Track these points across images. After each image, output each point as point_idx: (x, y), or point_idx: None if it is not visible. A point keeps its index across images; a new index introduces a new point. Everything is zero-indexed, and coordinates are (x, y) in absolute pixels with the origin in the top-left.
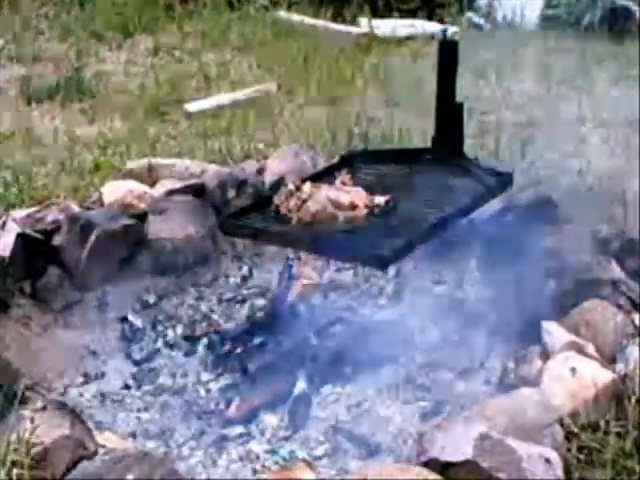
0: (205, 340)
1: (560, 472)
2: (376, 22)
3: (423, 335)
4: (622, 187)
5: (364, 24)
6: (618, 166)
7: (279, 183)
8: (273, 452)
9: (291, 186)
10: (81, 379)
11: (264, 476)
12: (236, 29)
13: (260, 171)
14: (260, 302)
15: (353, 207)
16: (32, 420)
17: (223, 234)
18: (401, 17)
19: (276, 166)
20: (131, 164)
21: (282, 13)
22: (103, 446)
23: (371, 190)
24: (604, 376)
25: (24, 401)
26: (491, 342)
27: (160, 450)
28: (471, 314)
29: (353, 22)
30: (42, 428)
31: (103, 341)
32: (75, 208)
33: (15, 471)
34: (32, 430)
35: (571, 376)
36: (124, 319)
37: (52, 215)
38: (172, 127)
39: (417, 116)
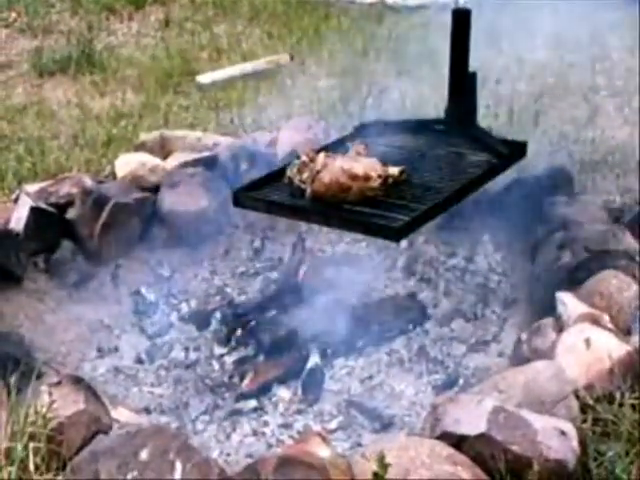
0: (218, 314)
1: (575, 444)
2: None
3: (436, 308)
4: (636, 157)
5: None
6: (633, 135)
7: (292, 155)
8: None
9: (304, 157)
10: (95, 353)
11: (278, 450)
12: (247, 0)
13: (272, 143)
14: (273, 275)
15: (367, 178)
16: (50, 394)
17: (236, 207)
18: None
19: (288, 138)
20: (144, 137)
21: None
22: (117, 421)
23: (385, 161)
24: (619, 348)
25: (39, 375)
26: (504, 315)
27: (173, 425)
28: (484, 286)
29: None
30: (58, 403)
31: (117, 315)
32: (88, 181)
33: (32, 445)
34: (49, 405)
35: (585, 348)
36: (137, 293)
37: (65, 189)
38: (184, 99)
39: (430, 86)
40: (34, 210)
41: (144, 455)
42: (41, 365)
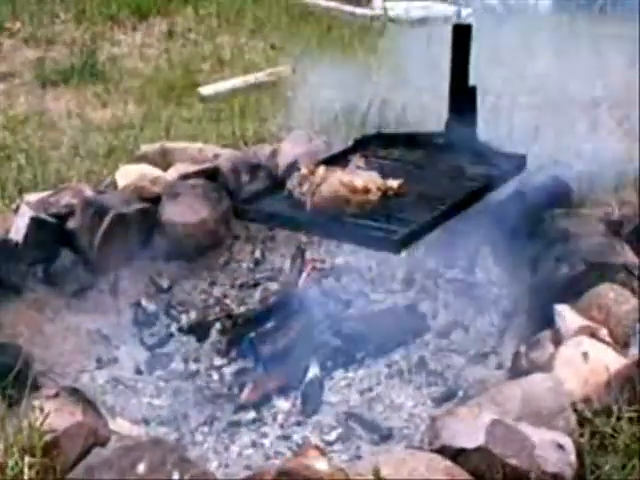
0: (218, 325)
1: (573, 458)
2: (390, 4)
3: (435, 320)
4: (635, 170)
5: (378, 6)
6: (632, 149)
7: (293, 167)
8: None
9: (304, 170)
10: (94, 364)
11: (276, 462)
12: (250, 12)
13: (274, 155)
14: (273, 286)
15: (367, 191)
16: (41, 410)
17: (236, 218)
18: None
19: (290, 150)
20: (145, 148)
21: None
22: (116, 432)
23: (385, 174)
24: (617, 361)
25: (37, 387)
26: (503, 327)
27: (172, 436)
28: (483, 298)
29: (367, 4)
30: (54, 415)
31: (116, 326)
32: (89, 192)
33: (27, 459)
34: (44, 418)
35: (583, 361)
36: (137, 304)
37: (66, 199)
38: (186, 110)
39: (431, 99)
40: (34, 220)
41: (141, 468)
42: (39, 376)
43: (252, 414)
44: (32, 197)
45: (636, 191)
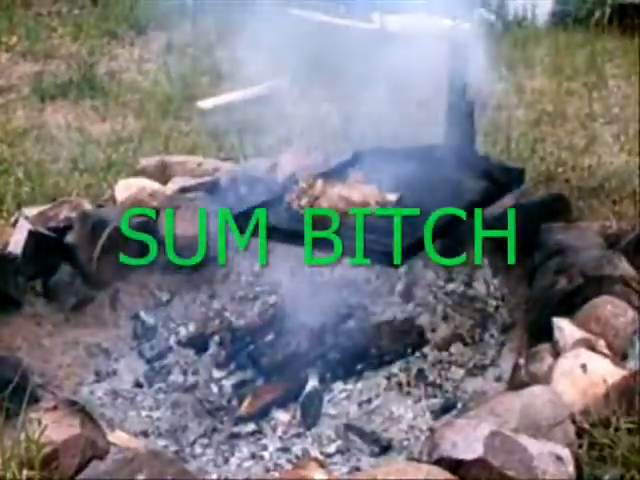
0: (217, 338)
1: (571, 469)
2: (387, 18)
3: (434, 332)
4: (633, 183)
5: (376, 20)
6: (629, 162)
7: (291, 180)
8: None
9: (303, 184)
10: (93, 377)
11: (276, 474)
12: (249, 25)
13: (272, 168)
14: (272, 299)
15: (365, 205)
16: (39, 422)
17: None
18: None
19: (288, 163)
20: (144, 162)
21: (294, 9)
22: (114, 445)
23: (383, 187)
24: (615, 373)
25: (35, 400)
26: (502, 339)
27: (171, 448)
28: (482, 311)
29: (364, 18)
30: (53, 428)
31: (115, 339)
32: (87, 206)
33: (25, 472)
34: (42, 430)
35: (582, 373)
36: (136, 317)
37: (64, 213)
38: (185, 124)
39: (429, 113)
40: (33, 234)
41: None
42: (37, 389)
43: (251, 426)
44: (31, 211)
45: (633, 204)
